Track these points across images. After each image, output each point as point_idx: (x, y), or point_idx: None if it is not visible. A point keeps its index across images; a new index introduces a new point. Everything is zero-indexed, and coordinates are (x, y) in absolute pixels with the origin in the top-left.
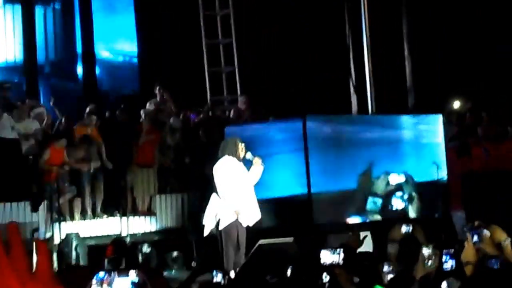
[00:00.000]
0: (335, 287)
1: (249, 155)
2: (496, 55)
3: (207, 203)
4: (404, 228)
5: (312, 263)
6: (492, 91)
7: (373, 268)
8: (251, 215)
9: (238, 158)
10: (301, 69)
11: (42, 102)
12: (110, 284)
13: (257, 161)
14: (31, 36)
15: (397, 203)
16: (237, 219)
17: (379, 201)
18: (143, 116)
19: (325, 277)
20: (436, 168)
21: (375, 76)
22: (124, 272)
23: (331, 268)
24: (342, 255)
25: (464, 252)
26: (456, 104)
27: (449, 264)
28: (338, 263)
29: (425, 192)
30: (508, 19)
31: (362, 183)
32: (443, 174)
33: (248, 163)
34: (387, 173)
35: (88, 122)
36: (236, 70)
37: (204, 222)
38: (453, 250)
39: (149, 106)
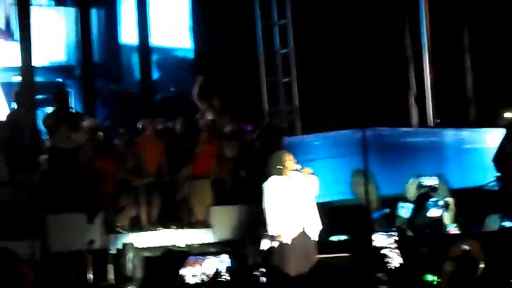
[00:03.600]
0: None
1: (298, 167)
2: None
3: (263, 216)
4: (463, 246)
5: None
6: None
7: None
8: (311, 230)
9: (287, 174)
10: (360, 80)
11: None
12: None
13: (306, 172)
14: (87, 38)
15: (433, 212)
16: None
17: (410, 206)
18: (201, 126)
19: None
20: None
21: (435, 88)
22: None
23: None
24: (395, 238)
25: None
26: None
27: None
28: (391, 247)
29: (467, 200)
30: None
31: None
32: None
33: None
34: (418, 176)
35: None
36: (294, 80)
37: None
38: None
39: (207, 116)
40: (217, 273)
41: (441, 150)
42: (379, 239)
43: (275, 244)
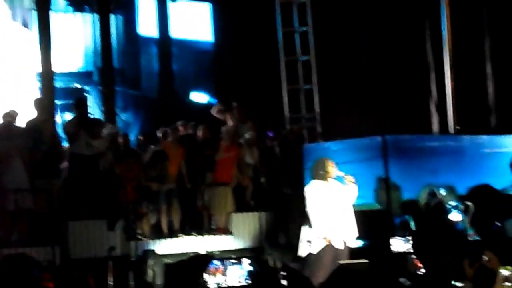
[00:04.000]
0: None
1: (340, 174)
2: None
3: (284, 222)
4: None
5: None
6: None
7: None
8: (348, 236)
9: (328, 179)
10: (381, 87)
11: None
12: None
13: (348, 179)
14: (107, 44)
15: (453, 216)
16: (329, 243)
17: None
18: (222, 133)
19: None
20: None
21: (456, 95)
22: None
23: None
24: (412, 242)
25: None
26: None
27: None
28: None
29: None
30: None
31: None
32: None
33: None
34: (430, 185)
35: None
36: (315, 87)
37: (300, 244)
38: None
39: (228, 123)
40: (239, 279)
41: (460, 155)
42: (397, 244)
43: (317, 247)
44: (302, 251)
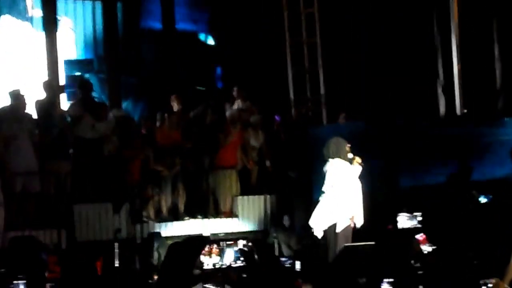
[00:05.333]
0: None
1: (350, 155)
2: None
3: (289, 206)
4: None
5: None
6: None
7: None
8: (360, 215)
9: (347, 159)
10: (388, 69)
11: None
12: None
13: (357, 161)
14: (112, 30)
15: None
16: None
17: None
18: (227, 117)
19: None
20: None
21: (463, 77)
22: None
23: None
24: (419, 219)
25: None
26: None
27: None
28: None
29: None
30: None
31: None
32: None
33: None
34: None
35: (172, 126)
36: (320, 70)
37: (312, 224)
38: None
39: (232, 107)
40: (235, 260)
41: (460, 143)
42: (403, 221)
43: (341, 226)
44: (319, 231)
